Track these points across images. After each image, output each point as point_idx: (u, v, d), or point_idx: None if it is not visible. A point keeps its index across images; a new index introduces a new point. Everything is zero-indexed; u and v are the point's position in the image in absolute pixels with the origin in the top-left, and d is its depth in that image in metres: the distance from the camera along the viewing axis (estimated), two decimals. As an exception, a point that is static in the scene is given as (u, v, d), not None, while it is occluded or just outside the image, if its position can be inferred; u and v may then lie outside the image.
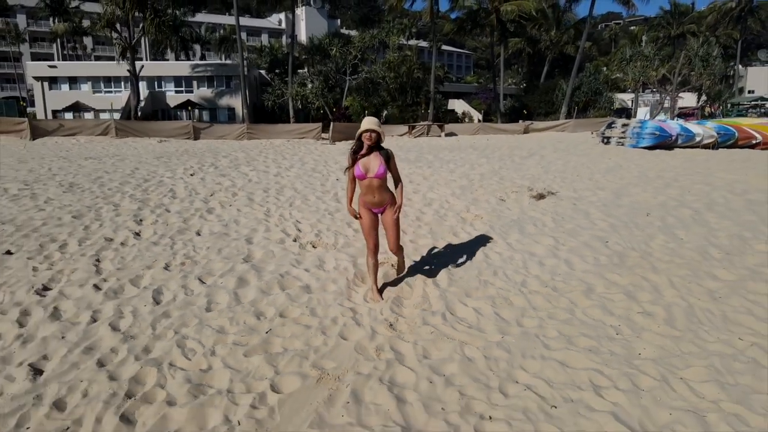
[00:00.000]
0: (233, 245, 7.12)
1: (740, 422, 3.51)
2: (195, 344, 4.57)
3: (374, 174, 5.04)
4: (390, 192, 5.28)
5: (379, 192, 5.16)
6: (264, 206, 9.25)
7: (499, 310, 5.23)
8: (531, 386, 3.94)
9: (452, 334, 4.75)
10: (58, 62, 53.92)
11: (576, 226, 7.96)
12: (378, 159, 5.05)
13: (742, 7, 65.44)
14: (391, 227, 5.35)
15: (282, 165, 14.25)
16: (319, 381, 4.02)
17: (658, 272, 6.09)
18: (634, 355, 4.38)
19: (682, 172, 12.58)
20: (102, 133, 25.00)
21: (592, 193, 10.14)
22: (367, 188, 5.14)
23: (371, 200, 5.21)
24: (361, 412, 3.65)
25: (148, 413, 3.66)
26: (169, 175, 12.42)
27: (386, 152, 5.12)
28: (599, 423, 3.50)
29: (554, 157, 15.70)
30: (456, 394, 3.86)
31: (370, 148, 5.03)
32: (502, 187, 10.74)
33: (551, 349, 4.48)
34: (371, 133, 4.97)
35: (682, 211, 8.78)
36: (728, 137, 19.02)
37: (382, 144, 5.16)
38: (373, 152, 5.06)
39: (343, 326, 4.87)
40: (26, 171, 13.32)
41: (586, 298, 5.46)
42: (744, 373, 4.09)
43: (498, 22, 47.19)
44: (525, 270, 6.24)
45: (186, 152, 19.65)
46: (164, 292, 5.65)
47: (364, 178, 5.08)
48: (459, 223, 8.25)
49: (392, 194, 5.30)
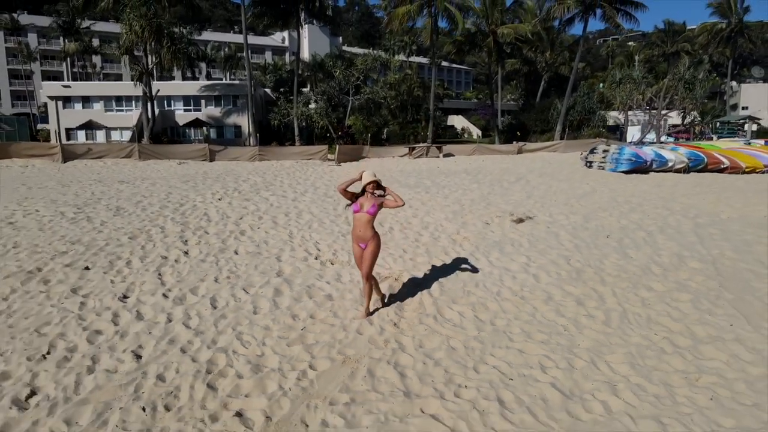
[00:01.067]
0: (266, 262, 8.58)
1: (640, 390, 4.94)
2: (249, 338, 6.02)
3: (366, 210, 6.29)
4: (374, 231, 6.41)
5: (365, 227, 6.31)
6: (287, 229, 10.72)
7: (478, 313, 6.67)
8: (496, 366, 5.37)
9: (441, 330, 6.20)
10: (72, 82, 55.34)
11: (546, 246, 9.41)
12: (373, 200, 6.30)
13: (732, 28, 65.79)
14: (367, 260, 6.39)
15: (297, 190, 15.73)
16: (343, 363, 5.46)
17: (605, 284, 7.53)
18: (574, 345, 5.82)
19: (648, 198, 14.05)
20: (126, 156, 26.53)
21: (565, 217, 11.61)
22: (358, 221, 6.34)
23: (358, 234, 6.35)
24: (374, 383, 5.08)
25: (225, 383, 5.09)
26: (200, 199, 13.91)
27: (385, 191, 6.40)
28: (541, 389, 4.94)
29: (538, 182, 17.19)
30: (442, 371, 5.29)
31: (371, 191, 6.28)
32: (488, 212, 12.21)
33: (514, 341, 5.92)
34: (373, 183, 6.32)
35: (638, 233, 10.24)
36: (698, 162, 20.52)
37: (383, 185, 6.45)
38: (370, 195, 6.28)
39: (359, 325, 6.31)
40: (72, 195, 14.81)
41: (545, 304, 6.90)
42: (651, 357, 5.53)
43: (495, 43, 47.88)
44: (500, 282, 7.68)
45: (205, 174, 21.15)
46: (218, 299, 7.10)
47: (358, 212, 6.34)
48: (450, 243, 9.71)
49: (375, 233, 6.42)
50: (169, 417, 4.55)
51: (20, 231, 10.59)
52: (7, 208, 12.87)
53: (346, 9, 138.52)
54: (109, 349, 5.74)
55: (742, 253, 8.91)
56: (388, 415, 4.55)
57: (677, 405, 4.68)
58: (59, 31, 63.06)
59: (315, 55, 54.61)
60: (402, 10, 44.79)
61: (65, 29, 62.43)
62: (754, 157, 21.37)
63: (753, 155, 21.61)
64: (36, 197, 14.38)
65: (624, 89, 48.28)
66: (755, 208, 12.42)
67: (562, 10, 46.09)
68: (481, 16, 47.35)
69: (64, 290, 7.36)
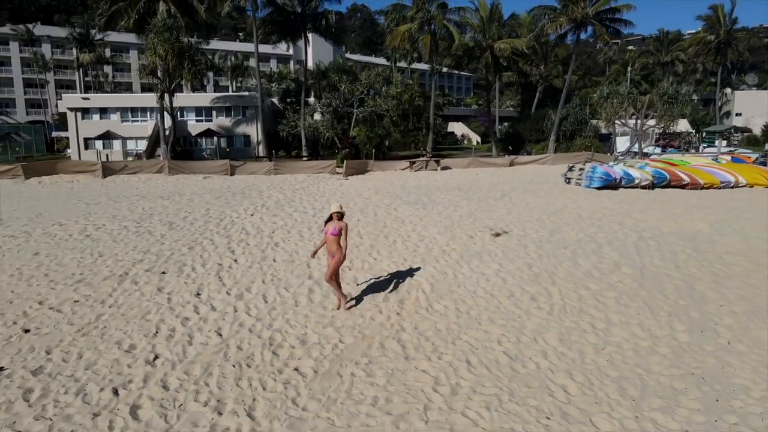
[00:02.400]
0: (299, 268, 10.81)
1: (562, 355, 7.14)
2: (294, 323, 8.24)
3: (330, 232, 8.37)
4: (338, 246, 8.44)
5: (332, 244, 8.38)
6: (311, 241, 12.95)
7: (458, 306, 8.88)
8: (467, 341, 7.58)
9: (431, 317, 8.41)
10: (91, 94, 56.84)
11: (516, 256, 11.62)
12: (336, 224, 8.36)
13: (720, 40, 66.82)
14: (330, 267, 8.48)
15: (315, 207, 17.97)
16: (362, 339, 7.68)
17: (555, 285, 9.73)
18: (524, 327, 8.03)
19: (608, 214, 16.24)
20: (157, 171, 28.82)
21: (534, 232, 13.82)
22: (327, 240, 8.44)
23: (329, 249, 8.46)
24: (384, 351, 7.30)
25: (283, 351, 7.32)
26: (236, 215, 16.16)
27: (345, 224, 8.48)
28: (496, 355, 7.14)
29: (519, 199, 19.40)
30: (430, 344, 7.51)
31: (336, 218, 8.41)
32: (473, 227, 14.42)
33: (481, 324, 8.13)
34: (338, 213, 8.43)
35: (589, 245, 12.44)
36: (662, 179, 22.68)
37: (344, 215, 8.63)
38: (336, 221, 8.38)
39: (373, 313, 8.53)
40: (127, 210, 17.08)
41: (507, 299, 9.11)
42: (575, 335, 7.73)
43: (492, 57, 49.11)
44: (477, 284, 9.89)
45: (230, 189, 23.40)
46: (267, 296, 9.33)
47: (326, 234, 8.44)
48: (441, 253, 11.92)
49: (339, 248, 8.44)
50: (251, 371, 6.78)
51: (98, 243, 12.85)
52: (78, 222, 15.14)
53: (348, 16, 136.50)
54: (198, 330, 7.98)
55: (667, 261, 11.11)
56: (393, 370, 6.77)
57: (584, 364, 6.90)
58: (74, 42, 64.57)
59: (319, 63, 56.10)
60: (403, 28, 46.96)
61: (80, 41, 64.07)
62: (712, 174, 23.54)
63: (711, 172, 23.78)
64: (98, 213, 16.65)
65: (610, 104, 50.25)
66: (693, 224, 14.62)
67: (555, 26, 48.01)
68: (478, 31, 48.65)
69: (151, 289, 9.61)
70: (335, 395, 6.17)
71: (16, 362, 6.95)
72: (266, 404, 5.98)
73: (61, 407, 5.90)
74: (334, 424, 5.60)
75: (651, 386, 6.27)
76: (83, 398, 6.09)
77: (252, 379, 6.55)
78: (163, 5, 41.61)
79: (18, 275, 10.50)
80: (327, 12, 53.77)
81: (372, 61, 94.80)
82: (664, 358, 6.99)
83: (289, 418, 5.70)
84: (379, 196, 20.06)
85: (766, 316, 8.20)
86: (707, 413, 5.66)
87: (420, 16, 45.91)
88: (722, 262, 11.00)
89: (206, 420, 5.69)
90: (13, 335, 7.76)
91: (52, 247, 12.59)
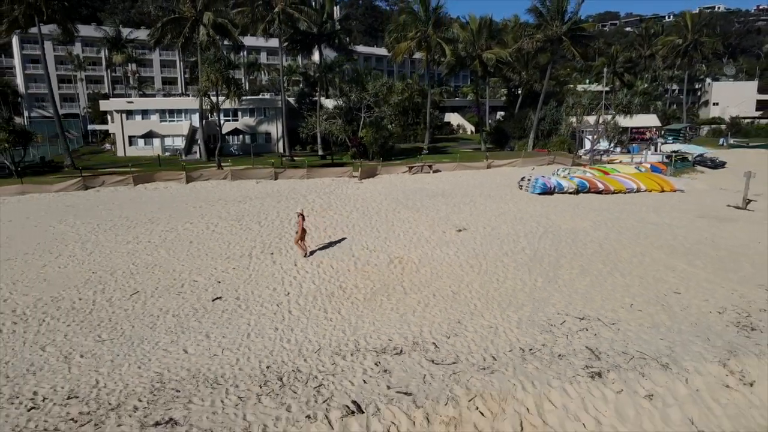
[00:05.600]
0: (341, 251, 17.58)
1: (480, 290, 13.96)
2: (348, 277, 15.05)
3: (298, 222, 16.05)
4: (302, 228, 16.29)
5: (299, 227, 16.18)
6: (352, 233, 19.70)
7: (432, 270, 15.65)
8: (436, 286, 14.40)
9: (418, 275, 15.23)
10: (135, 98, 61.59)
11: (467, 244, 18.34)
12: (300, 218, 16.31)
13: (687, 43, 69.46)
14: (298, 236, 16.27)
15: (345, 210, 24.64)
16: (383, 285, 14.51)
17: (485, 259, 16.48)
18: (463, 280, 14.82)
19: (534, 215, 22.86)
20: (223, 178, 35.39)
21: (482, 228, 20.51)
22: (298, 224, 16.25)
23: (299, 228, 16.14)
24: (395, 290, 14.14)
25: (347, 290, 14.16)
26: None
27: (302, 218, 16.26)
28: (447, 292, 13.96)
29: (481, 203, 26.01)
30: (416, 287, 14.35)
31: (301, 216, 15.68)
32: (447, 225, 21.11)
33: (442, 279, 14.94)
34: (301, 214, 16.06)
35: (512, 236, 19.14)
36: (584, 187, 29.18)
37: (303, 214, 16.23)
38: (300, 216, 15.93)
39: (387, 273, 15.34)
40: (224, 212, 23.74)
41: (458, 267, 15.87)
42: (489, 284, 14.53)
43: (481, 64, 53.45)
44: (443, 259, 16.63)
45: (279, 193, 29.99)
46: (333, 264, 16.11)
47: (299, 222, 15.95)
48: (426, 244, 18.65)
49: (303, 229, 16.31)
50: (335, 298, 13.61)
51: (222, 235, 19.64)
52: (201, 221, 21.87)
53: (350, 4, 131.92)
54: (302, 281, 14.79)
55: (552, 246, 17.86)
56: (399, 298, 13.58)
57: (488, 294, 13.70)
58: (106, 44, 67.54)
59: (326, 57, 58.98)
60: (403, 45, 52.52)
61: (113, 43, 67.37)
62: (620, 183, 30.09)
63: (620, 181, 30.33)
64: (207, 214, 23.38)
65: (573, 113, 55.66)
66: (582, 222, 21.32)
67: (532, 43, 52.70)
68: (469, 43, 52.73)
69: (269, 262, 16.41)
70: (375, 305, 13.00)
71: (228, 293, 13.80)
72: (344, 310, 12.82)
73: (257, 315, 12.77)
74: (374, 318, 12.42)
75: (514, 302, 13.11)
76: (263, 304, 12.94)
77: (335, 301, 13.38)
78: (203, 29, 46.90)
79: (189, 256, 17.30)
80: (338, 31, 59.44)
81: (375, 52, 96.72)
82: (525, 292, 13.82)
83: (357, 316, 12.53)
84: (387, 201, 26.62)
85: (587, 275, 15.02)
86: (532, 312, 12.48)
87: (418, 36, 51.43)
88: (583, 246, 17.80)
89: (322, 317, 12.53)
90: (210, 285, 14.58)
91: (195, 237, 19.37)
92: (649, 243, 18.42)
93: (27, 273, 15.83)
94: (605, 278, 15.02)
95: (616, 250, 17.61)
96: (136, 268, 16.22)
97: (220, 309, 13.11)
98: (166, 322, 12.45)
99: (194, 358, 10.61)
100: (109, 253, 17.75)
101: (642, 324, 12.02)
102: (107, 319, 12.67)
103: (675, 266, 16.01)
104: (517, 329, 11.72)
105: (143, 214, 23.57)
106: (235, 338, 11.53)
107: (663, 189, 30.13)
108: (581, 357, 10.32)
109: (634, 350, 10.55)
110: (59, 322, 12.50)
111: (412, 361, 10.30)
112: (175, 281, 15.06)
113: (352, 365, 10.17)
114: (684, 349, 10.59)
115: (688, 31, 69.99)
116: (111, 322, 12.51)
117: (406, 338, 11.35)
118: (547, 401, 8.92)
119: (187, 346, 11.18)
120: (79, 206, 25.13)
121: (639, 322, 12.14)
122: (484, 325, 12.02)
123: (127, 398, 9.07)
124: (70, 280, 15.18)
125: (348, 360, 10.40)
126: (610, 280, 14.84)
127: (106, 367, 10.27)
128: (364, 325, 12.06)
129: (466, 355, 10.51)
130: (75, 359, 10.63)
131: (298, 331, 11.85)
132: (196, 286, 14.63)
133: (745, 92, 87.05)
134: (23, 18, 40.04)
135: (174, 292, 14.28)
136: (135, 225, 21.41)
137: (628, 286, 14.38)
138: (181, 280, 15.15)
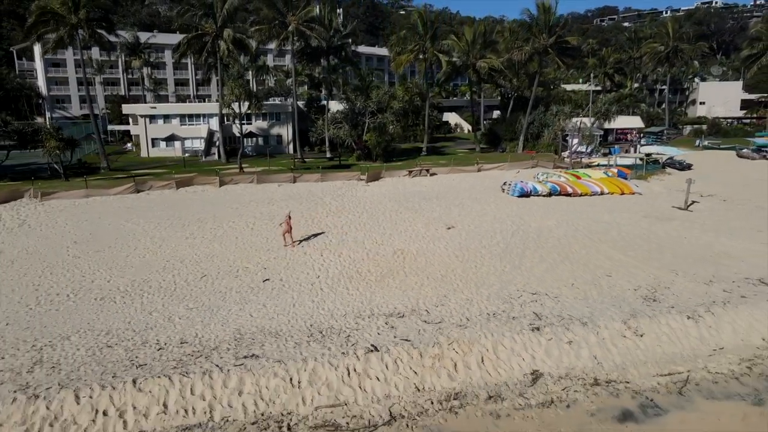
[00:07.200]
0: (357, 244, 21.39)
1: (462, 275, 17.78)
2: (366, 263, 18.89)
3: (285, 222, 20.15)
4: (288, 224, 20.44)
5: (287, 224, 20.17)
6: (363, 232, 23.49)
7: (427, 259, 19.49)
8: (429, 272, 18.23)
9: (416, 262, 19.10)
10: (157, 104, 63.46)
11: (455, 239, 22.13)
12: (287, 218, 20.28)
13: (668, 50, 71.33)
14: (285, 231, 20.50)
15: (356, 212, 28.41)
16: (389, 270, 18.35)
17: (467, 251, 20.30)
18: (449, 267, 18.64)
19: (510, 215, 26.60)
20: (250, 182, 39.15)
21: (467, 226, 24.27)
22: (285, 222, 20.11)
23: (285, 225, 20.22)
24: (398, 274, 17.99)
25: (362, 273, 18.01)
26: (318, 216, 26.63)
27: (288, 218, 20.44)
28: (438, 275, 17.79)
29: (468, 205, 29.74)
30: (415, 272, 18.22)
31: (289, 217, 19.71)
32: (438, 224, 24.89)
33: (434, 266, 18.77)
34: (288, 216, 20.02)
35: (490, 233, 22.92)
36: (555, 190, 32.88)
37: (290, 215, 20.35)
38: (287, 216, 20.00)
39: (393, 261, 19.19)
40: (258, 213, 27.54)
41: (447, 257, 19.71)
42: (469, 270, 18.35)
43: (475, 72, 56.46)
44: (435, 251, 20.46)
45: (299, 195, 33.74)
46: (352, 254, 19.94)
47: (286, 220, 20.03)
48: (422, 239, 22.43)
49: (289, 226, 20.50)
50: (354, 279, 17.46)
51: (261, 231, 23.47)
52: (240, 221, 25.69)
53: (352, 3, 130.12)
54: (341, 265, 18.61)
55: (520, 241, 21.64)
56: (402, 279, 17.42)
57: (467, 275, 17.50)
58: (125, 50, 69.54)
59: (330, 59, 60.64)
60: (404, 57, 55.91)
61: (131, 50, 69.82)
62: (587, 187, 33.79)
63: (587, 185, 34.00)
64: (243, 214, 27.18)
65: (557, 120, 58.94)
66: (548, 221, 25.09)
67: (521, 54, 55.77)
68: (464, 53, 55.27)
69: (300, 254, 20.23)
70: (384, 285, 16.83)
71: (274, 276, 17.65)
72: (361, 287, 16.67)
73: (298, 291, 16.64)
74: (383, 294, 16.24)
75: (486, 282, 16.93)
76: (301, 284, 16.80)
77: (354, 282, 17.20)
78: (224, 44, 50.35)
79: (237, 248, 21.12)
80: (346, 45, 62.70)
81: (376, 53, 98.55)
82: (495, 275, 17.65)
83: (370, 292, 16.35)
84: (391, 203, 30.32)
85: (544, 263, 18.83)
86: (498, 289, 16.30)
87: (417, 49, 55.05)
88: (545, 241, 21.60)
89: (345, 293, 16.37)
90: (259, 270, 18.41)
91: (239, 234, 23.19)
92: (598, 238, 22.23)
93: (116, 261, 19.67)
94: (557, 265, 18.83)
95: (570, 243, 21.42)
96: (199, 257, 20.05)
97: (269, 287, 16.94)
98: (232, 296, 16.30)
99: (258, 320, 14.45)
100: (174, 246, 21.58)
101: (577, 297, 15.85)
102: (189, 294, 16.53)
103: (612, 256, 19.83)
104: (486, 301, 15.55)
105: (191, 214, 27.33)
106: (284, 307, 15.37)
107: (623, 192, 33.85)
108: (528, 318, 14.16)
109: (566, 314, 14.38)
110: (154, 296, 16.36)
111: (411, 321, 14.14)
112: (231, 267, 18.89)
113: (369, 324, 14.00)
114: (601, 313, 14.42)
115: (669, 38, 71.29)
116: (192, 296, 16.37)
117: (406, 307, 15.20)
118: (500, 345, 12.78)
119: (252, 312, 15.03)
120: (138, 207, 28.91)
121: (575, 295, 15.97)
122: (463, 298, 15.86)
123: (220, 344, 12.92)
124: (151, 266, 19.03)
125: (366, 321, 14.24)
126: (561, 267, 18.65)
127: (199, 325, 14.12)
128: (376, 298, 15.93)
129: (448, 318, 14.35)
130: (176, 320, 14.49)
131: (329, 302, 15.70)
132: (248, 271, 18.46)
133: (730, 92, 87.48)
134: (68, 38, 43.52)
135: (232, 275, 18.12)
136: (188, 223, 25.21)
137: (573, 271, 18.19)
138: (236, 266, 18.98)
